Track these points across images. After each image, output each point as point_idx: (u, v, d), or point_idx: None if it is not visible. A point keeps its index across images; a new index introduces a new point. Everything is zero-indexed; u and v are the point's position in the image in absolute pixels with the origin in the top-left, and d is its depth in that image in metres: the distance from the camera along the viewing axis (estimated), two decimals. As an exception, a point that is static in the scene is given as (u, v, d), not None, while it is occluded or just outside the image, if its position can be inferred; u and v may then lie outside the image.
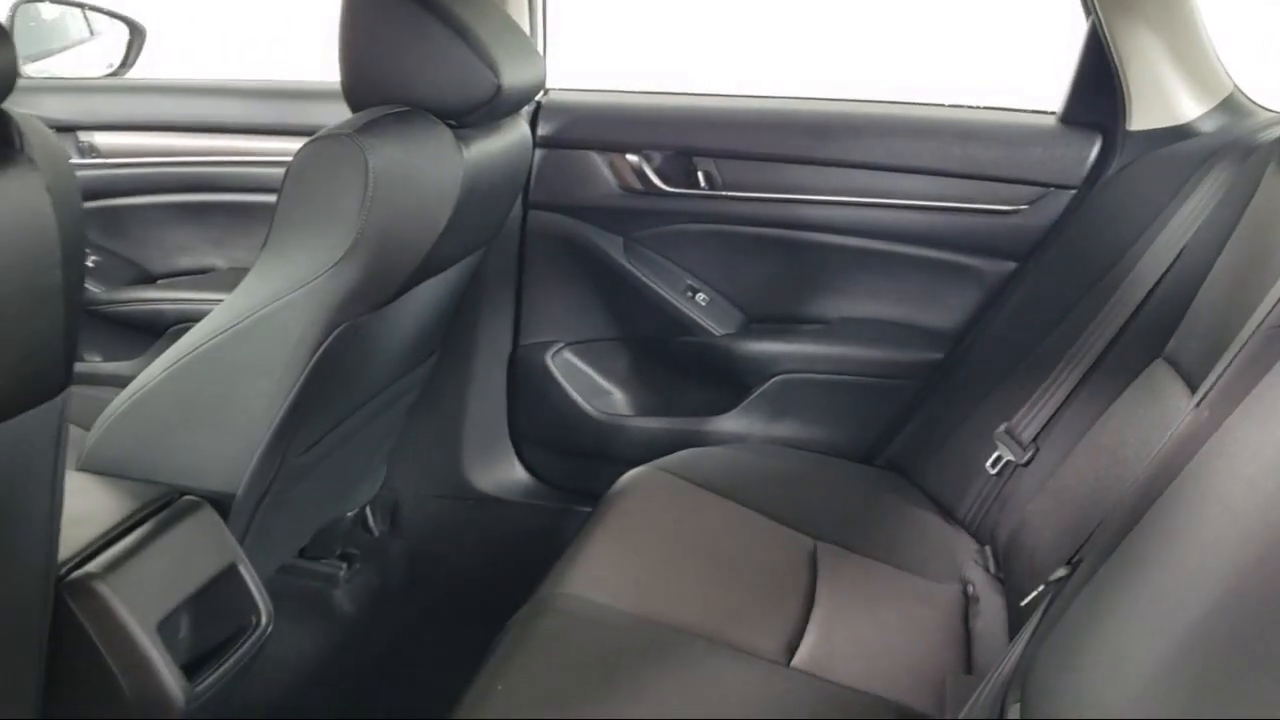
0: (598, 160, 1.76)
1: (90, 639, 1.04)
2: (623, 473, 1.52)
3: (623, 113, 1.80)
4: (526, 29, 1.76)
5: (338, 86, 1.32)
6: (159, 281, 1.97)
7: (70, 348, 0.85)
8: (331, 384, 1.29)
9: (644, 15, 5.49)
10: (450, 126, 1.31)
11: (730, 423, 1.81)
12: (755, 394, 1.80)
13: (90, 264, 1.91)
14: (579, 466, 1.88)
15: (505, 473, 1.90)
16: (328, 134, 1.20)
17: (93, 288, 1.90)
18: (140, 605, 1.07)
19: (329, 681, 1.70)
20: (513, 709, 1.07)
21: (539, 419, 1.88)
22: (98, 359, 1.93)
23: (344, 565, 1.82)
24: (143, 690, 1.05)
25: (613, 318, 1.86)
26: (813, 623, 1.27)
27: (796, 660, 1.21)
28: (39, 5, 2.15)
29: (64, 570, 1.05)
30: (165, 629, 1.09)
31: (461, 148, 1.30)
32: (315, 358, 1.22)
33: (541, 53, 1.81)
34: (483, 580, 1.82)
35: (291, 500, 1.41)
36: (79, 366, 1.20)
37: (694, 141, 1.74)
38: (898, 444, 1.74)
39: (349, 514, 1.80)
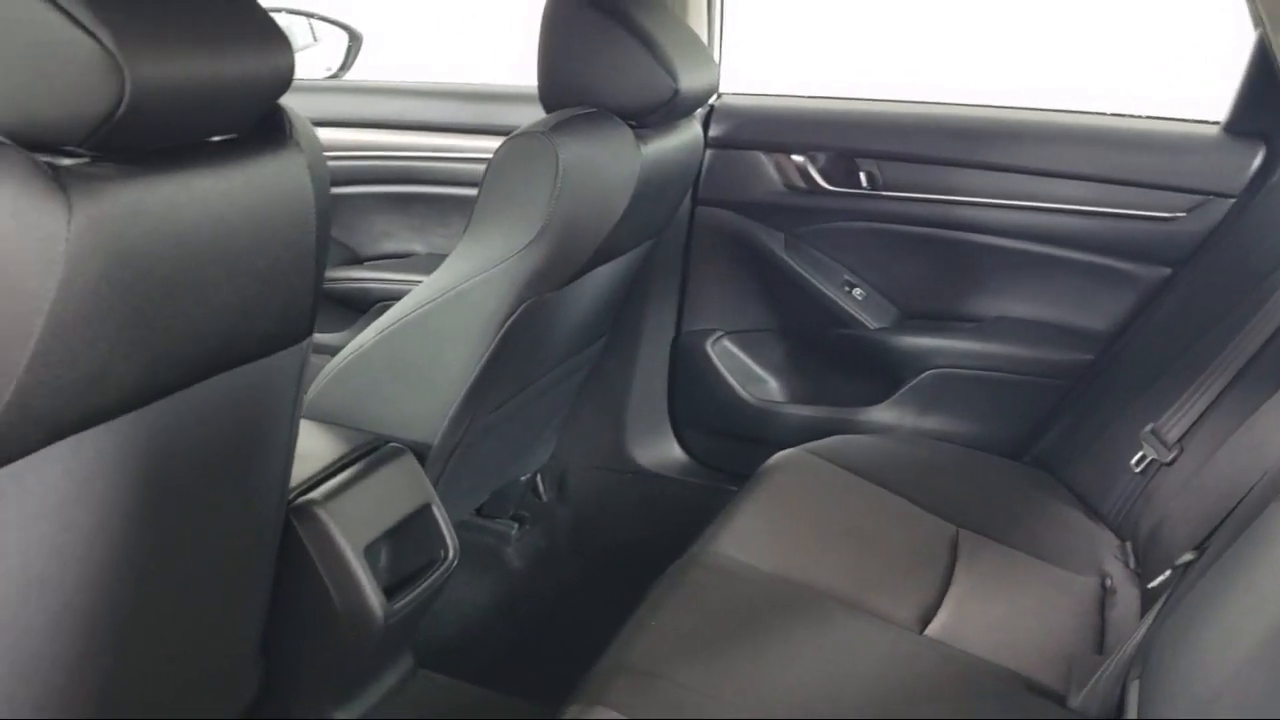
0: (764, 160, 1.87)
1: (310, 556, 1.23)
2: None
3: (790, 116, 1.91)
4: (704, 37, 1.89)
5: (527, 90, 1.48)
6: (366, 263, 2.19)
7: (315, 301, 1.02)
8: (516, 354, 1.45)
9: (813, 25, 5.55)
10: (631, 126, 1.45)
11: (881, 414, 1.89)
12: (907, 387, 1.87)
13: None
14: (732, 448, 1.99)
15: (663, 450, 2.03)
16: (524, 132, 1.36)
17: None
18: (351, 531, 1.25)
19: (496, 626, 1.87)
20: (660, 645, 1.19)
21: (697, 401, 2.01)
22: (309, 331, 2.16)
23: (515, 525, 1.99)
24: (350, 602, 1.23)
25: (771, 309, 1.97)
26: (948, 599, 1.35)
27: (929, 630, 1.29)
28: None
29: (292, 496, 1.23)
30: (369, 554, 1.26)
31: (640, 145, 1.43)
32: (504, 329, 1.39)
33: (717, 59, 1.94)
34: (638, 546, 1.95)
35: (476, 456, 1.58)
36: None
37: (857, 143, 1.83)
38: (1045, 441, 1.78)
39: (522, 479, 1.97)
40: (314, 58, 2.48)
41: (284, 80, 0.88)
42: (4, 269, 0.69)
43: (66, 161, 0.75)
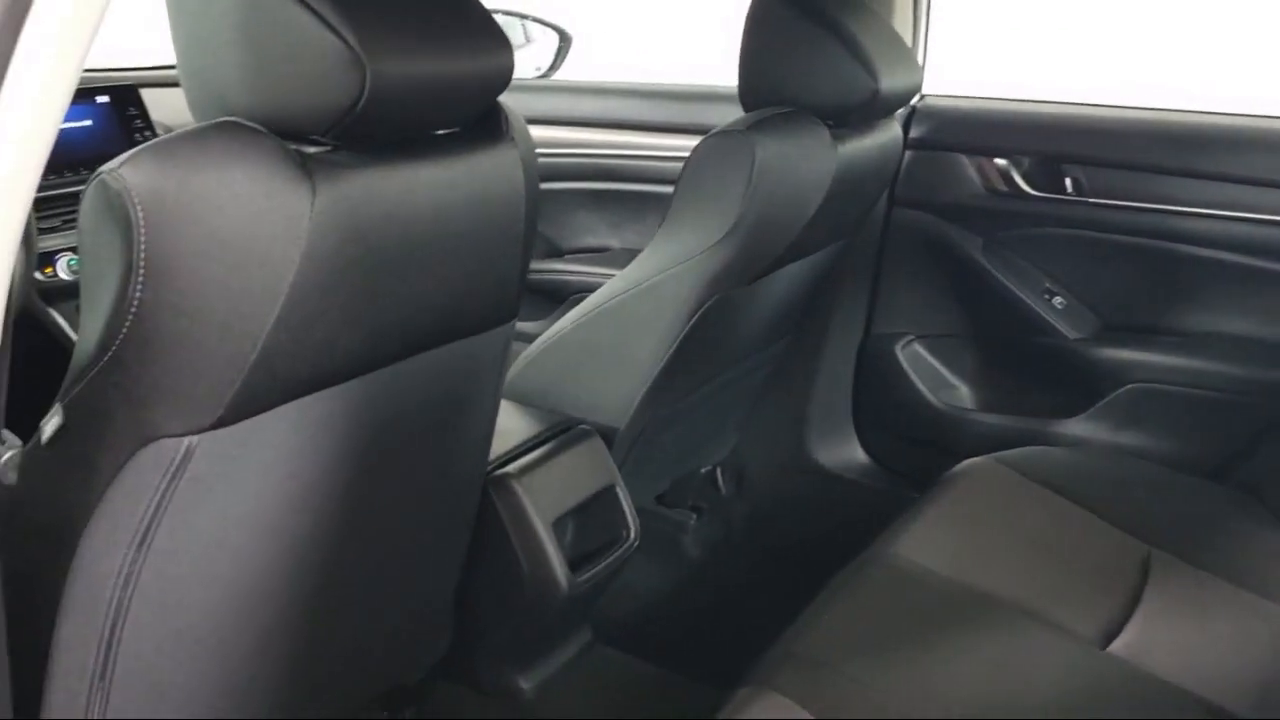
0: (965, 163, 1.85)
1: (504, 525, 1.31)
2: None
3: (994, 118, 1.88)
4: (909, 38, 1.89)
5: (727, 90, 1.52)
6: (566, 256, 2.29)
7: (522, 286, 1.09)
8: (702, 347, 1.49)
9: (1026, 24, 5.36)
10: (829, 126, 1.47)
11: (1076, 426, 1.84)
12: (1105, 400, 1.81)
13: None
14: (917, 453, 1.98)
15: (845, 452, 2.03)
16: (723, 130, 1.40)
17: None
18: (541, 504, 1.32)
19: (670, 610, 1.92)
20: (831, 637, 1.21)
21: (883, 405, 2.00)
22: (512, 318, 2.28)
23: (694, 516, 2.03)
24: (537, 571, 1.30)
25: (965, 314, 1.94)
26: (1136, 618, 1.31)
27: (1112, 647, 1.25)
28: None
29: (490, 469, 1.32)
30: (557, 528, 1.34)
31: (836, 145, 1.45)
32: (692, 322, 1.43)
33: (921, 61, 1.93)
34: (814, 544, 1.96)
35: (659, 444, 1.63)
36: None
37: (1064, 148, 1.78)
38: (1253, 465, 1.69)
39: (702, 470, 2.01)
40: (526, 57, 2.60)
41: (504, 78, 0.95)
42: (256, 240, 0.78)
43: (312, 149, 0.84)
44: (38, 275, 1.47)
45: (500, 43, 0.94)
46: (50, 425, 0.83)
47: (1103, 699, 1.17)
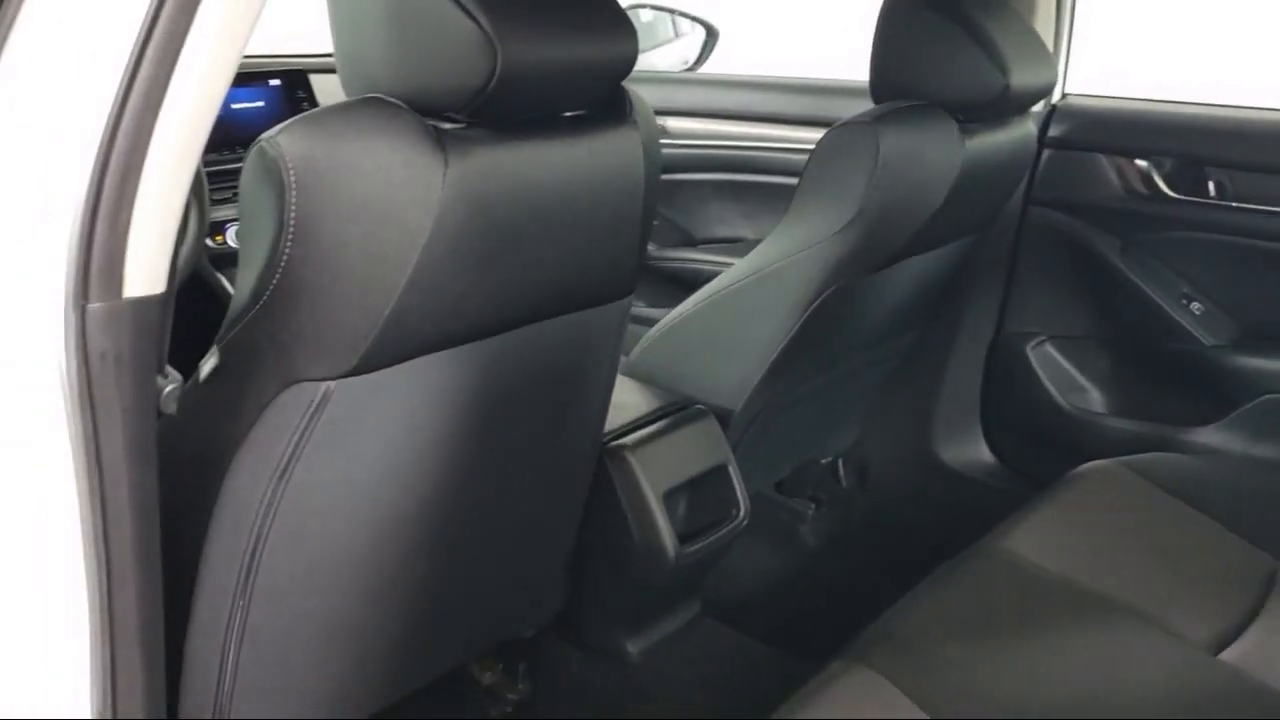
0: (1105, 163, 1.82)
1: (617, 493, 1.37)
2: None
3: (1136, 119, 1.84)
4: (1050, 38, 1.86)
5: (857, 85, 1.54)
6: (699, 245, 2.34)
7: (638, 263, 1.15)
8: (821, 334, 1.52)
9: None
10: (958, 120, 1.48)
11: (1207, 435, 1.78)
12: (1240, 410, 1.75)
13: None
14: (1044, 455, 1.95)
15: (970, 450, 2.02)
16: (850, 121, 1.43)
17: (649, 246, 2.31)
18: (654, 476, 1.38)
19: (781, 594, 1.95)
20: (930, 620, 1.23)
21: (1011, 404, 1.98)
22: (642, 304, 2.34)
23: (813, 506, 2.06)
24: (647, 540, 1.36)
25: (1099, 317, 1.91)
26: (1253, 628, 1.27)
27: (1224, 654, 1.23)
28: (639, 11, 2.62)
29: (606, 440, 1.38)
30: (669, 500, 1.39)
31: (964, 140, 1.46)
32: (811, 309, 1.46)
33: (1063, 62, 1.90)
34: (935, 541, 1.96)
35: (774, 430, 1.67)
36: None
37: (1207, 150, 1.74)
38: (1401, 484, 1.62)
39: (823, 461, 2.04)
40: (674, 51, 2.67)
41: (628, 65, 1.01)
42: (393, 206, 0.86)
43: (447, 125, 0.92)
44: (209, 242, 1.62)
45: (626, 31, 1.00)
46: (208, 365, 0.93)
47: (1210, 704, 1.15)
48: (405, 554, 1.10)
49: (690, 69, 2.50)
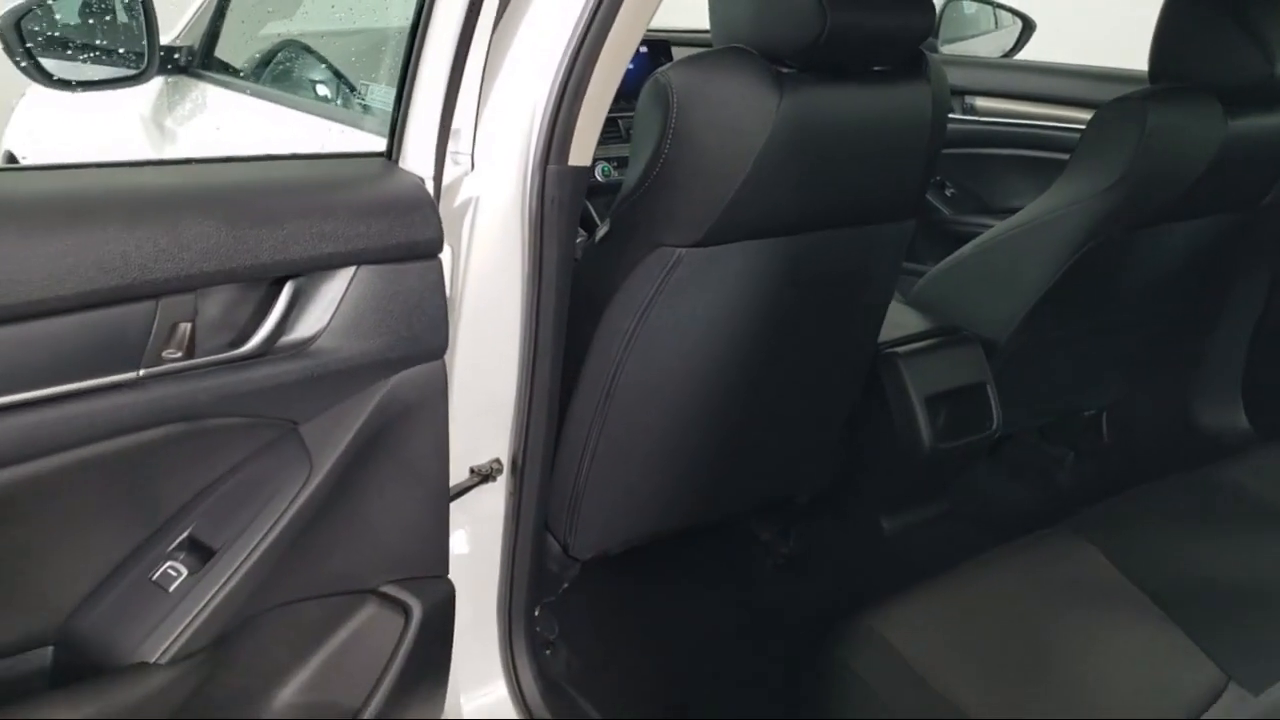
0: None
1: (885, 394, 1.68)
2: None
3: None
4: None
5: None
6: (995, 213, 2.56)
7: (920, 192, 1.45)
8: (1083, 284, 1.75)
9: None
10: (1221, 102, 1.65)
11: None
12: None
13: (948, 194, 2.57)
14: None
15: (1229, 417, 2.14)
16: (1122, 97, 1.65)
17: (944, 209, 2.57)
18: (918, 382, 1.68)
19: (1029, 527, 2.14)
20: (1155, 514, 1.44)
21: (1275, 379, 2.08)
22: (930, 264, 2.60)
23: (1071, 454, 2.25)
24: (907, 433, 1.66)
25: None
26: None
27: None
28: (963, 3, 2.86)
29: (881, 348, 1.69)
30: (930, 404, 1.68)
31: (1227, 120, 1.63)
32: (1075, 258, 1.70)
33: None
34: None
35: (1036, 369, 1.90)
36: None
37: None
38: None
39: (1086, 414, 2.22)
40: (994, 40, 2.89)
41: (924, 32, 1.32)
42: (740, 124, 1.22)
43: (785, 70, 1.26)
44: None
45: (924, 8, 1.30)
46: (600, 231, 1.33)
47: None
48: (717, 395, 1.47)
49: (1006, 56, 2.72)
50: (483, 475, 1.22)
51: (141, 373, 0.82)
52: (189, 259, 0.82)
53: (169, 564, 0.90)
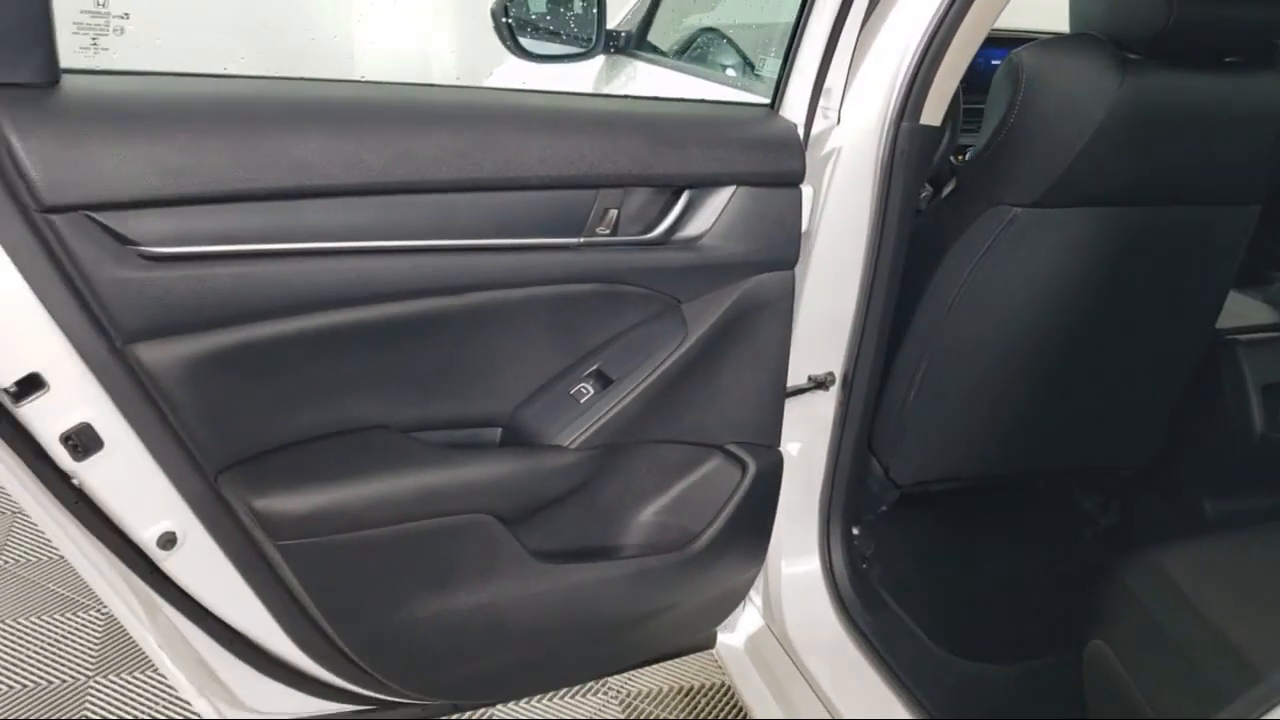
0: None
1: (1220, 380, 1.73)
2: None
3: None
4: None
5: None
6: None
7: (1264, 182, 1.51)
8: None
9: None
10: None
11: None
12: None
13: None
14: None
15: None
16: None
17: None
18: (1257, 371, 1.72)
19: None
20: None
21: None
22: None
23: None
24: (1239, 421, 1.71)
25: None
26: None
27: None
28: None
29: (1221, 335, 1.74)
30: (1266, 393, 1.71)
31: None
32: None
33: None
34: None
35: None
36: None
37: None
38: None
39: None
40: None
41: (1274, 27, 1.40)
42: (1082, 100, 1.38)
43: (1132, 56, 1.40)
44: (950, 159, 2.23)
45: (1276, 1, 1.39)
46: (948, 188, 1.54)
47: None
48: (1042, 353, 1.61)
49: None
50: (818, 383, 1.46)
51: (581, 240, 1.16)
52: (621, 163, 1.14)
53: (581, 384, 1.24)
